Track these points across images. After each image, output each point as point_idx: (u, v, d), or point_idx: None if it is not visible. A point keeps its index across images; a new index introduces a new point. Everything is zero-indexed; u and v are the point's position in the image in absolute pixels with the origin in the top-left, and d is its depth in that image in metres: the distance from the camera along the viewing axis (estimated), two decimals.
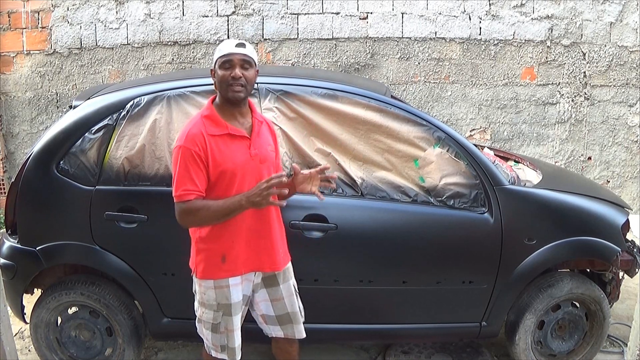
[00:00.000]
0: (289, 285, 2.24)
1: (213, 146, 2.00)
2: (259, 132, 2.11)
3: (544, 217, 2.69)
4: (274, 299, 2.22)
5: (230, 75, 1.99)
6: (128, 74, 5.07)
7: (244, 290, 2.16)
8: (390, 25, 4.97)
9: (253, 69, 2.06)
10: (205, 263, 2.10)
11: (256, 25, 4.98)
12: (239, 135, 2.06)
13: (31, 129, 5.17)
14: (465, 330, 2.78)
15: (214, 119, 2.04)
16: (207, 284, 2.11)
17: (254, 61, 2.07)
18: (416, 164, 2.61)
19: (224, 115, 2.06)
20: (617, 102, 5.10)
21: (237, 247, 2.08)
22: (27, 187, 2.59)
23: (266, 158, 2.11)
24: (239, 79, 2.00)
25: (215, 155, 2.00)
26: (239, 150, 2.05)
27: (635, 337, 2.12)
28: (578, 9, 4.96)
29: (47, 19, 5.00)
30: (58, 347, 2.74)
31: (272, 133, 2.23)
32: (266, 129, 2.19)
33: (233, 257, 2.09)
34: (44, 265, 2.61)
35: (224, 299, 2.11)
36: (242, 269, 2.12)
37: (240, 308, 2.17)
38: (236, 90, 2.00)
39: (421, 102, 5.09)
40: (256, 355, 3.01)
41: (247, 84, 2.03)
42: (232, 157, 2.02)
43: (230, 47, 2.02)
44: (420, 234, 2.62)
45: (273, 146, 2.19)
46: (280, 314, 2.25)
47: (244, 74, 2.01)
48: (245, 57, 2.03)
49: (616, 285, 2.93)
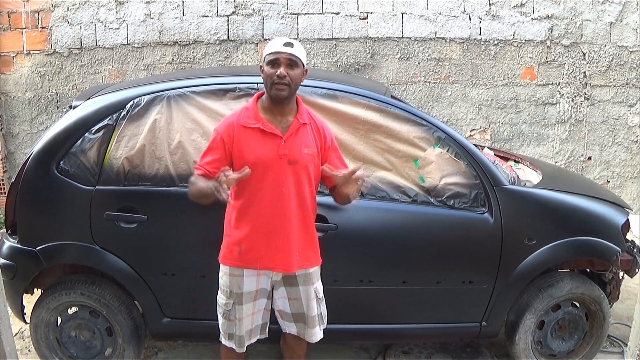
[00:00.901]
0: (308, 289, 2.24)
1: (241, 136, 2.10)
2: (295, 132, 2.13)
3: (544, 217, 2.69)
4: (292, 297, 2.25)
5: (276, 74, 2.04)
6: (128, 74, 5.07)
7: (260, 284, 2.20)
8: (390, 25, 4.98)
9: (300, 68, 2.10)
10: (226, 249, 2.21)
11: (256, 25, 4.98)
12: (270, 132, 2.10)
13: (31, 129, 5.17)
14: (465, 330, 2.78)
15: (252, 112, 2.14)
16: (224, 269, 2.22)
17: (301, 61, 2.10)
18: (416, 164, 2.61)
19: (264, 110, 2.14)
20: (617, 102, 5.10)
21: (254, 241, 2.14)
22: (27, 187, 2.58)
23: (297, 160, 2.12)
24: (284, 77, 2.04)
25: (242, 146, 2.09)
26: (267, 146, 2.09)
27: (635, 337, 2.12)
28: (578, 9, 4.96)
29: (47, 19, 5.00)
30: (58, 347, 2.74)
31: (320, 136, 2.20)
32: (311, 131, 2.18)
33: (249, 250, 2.15)
34: (44, 265, 2.60)
35: (237, 288, 2.18)
36: (256, 265, 2.16)
37: (252, 298, 2.20)
38: (279, 88, 2.06)
39: (421, 102, 5.09)
40: (256, 355, 3.01)
41: (291, 82, 2.07)
42: (256, 152, 2.09)
43: (278, 46, 2.07)
44: (420, 234, 2.62)
45: (313, 150, 2.16)
46: (296, 312, 2.27)
47: (289, 73, 2.06)
48: (291, 56, 2.07)
49: (616, 285, 2.94)
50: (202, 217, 2.51)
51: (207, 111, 2.55)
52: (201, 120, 2.53)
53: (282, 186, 2.11)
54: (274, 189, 2.11)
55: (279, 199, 2.12)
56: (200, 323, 2.64)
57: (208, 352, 3.10)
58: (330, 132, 2.29)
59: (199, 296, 2.59)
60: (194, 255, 2.57)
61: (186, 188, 2.50)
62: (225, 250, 2.22)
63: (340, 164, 2.27)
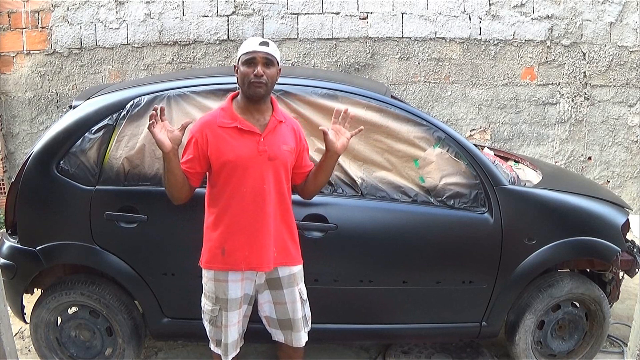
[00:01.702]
0: (293, 291, 2.22)
1: (218, 137, 2.10)
2: (273, 129, 2.14)
3: (544, 217, 2.69)
4: (277, 302, 2.23)
5: (253, 73, 2.05)
6: (128, 74, 5.07)
7: (245, 289, 2.18)
8: (390, 25, 4.98)
9: (275, 67, 2.11)
10: (209, 253, 2.19)
11: (256, 25, 4.98)
12: (248, 130, 2.10)
13: (31, 129, 5.18)
14: (465, 330, 2.78)
15: (228, 112, 2.14)
16: (208, 275, 2.20)
17: (277, 60, 2.12)
18: (416, 164, 2.61)
19: (240, 110, 2.15)
20: (617, 102, 5.10)
21: (236, 241, 2.12)
22: (27, 187, 2.58)
23: (277, 156, 2.13)
24: (261, 76, 2.05)
25: (219, 146, 2.09)
26: (246, 144, 2.09)
27: (635, 337, 2.12)
28: (578, 9, 4.96)
29: (47, 19, 5.00)
30: (58, 347, 2.74)
31: (295, 134, 2.23)
32: (286, 129, 2.20)
33: (232, 251, 2.13)
34: (44, 265, 2.60)
35: (222, 294, 2.16)
36: (242, 266, 2.14)
37: (238, 305, 2.18)
38: (257, 86, 2.07)
39: (421, 102, 5.09)
40: (256, 355, 3.01)
41: (268, 81, 2.08)
42: (236, 150, 2.08)
43: (254, 45, 2.08)
44: (420, 234, 2.62)
45: (291, 146, 2.18)
46: (282, 318, 2.25)
47: (266, 71, 2.07)
48: (267, 55, 2.08)
49: (616, 285, 2.94)
50: (202, 217, 2.51)
51: (207, 111, 2.54)
52: None
53: (264, 183, 2.10)
54: (254, 186, 2.10)
55: (260, 196, 2.11)
56: (200, 323, 2.61)
57: (208, 352, 3.08)
58: (302, 131, 2.32)
59: (199, 296, 2.59)
60: (194, 255, 2.55)
61: None
62: (207, 255, 2.18)
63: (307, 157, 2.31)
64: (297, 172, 2.26)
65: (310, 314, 2.32)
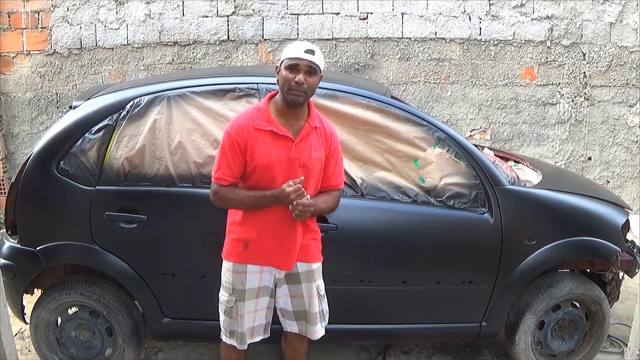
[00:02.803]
0: (310, 286, 2.26)
1: (255, 139, 2.09)
2: (306, 136, 2.14)
3: (544, 217, 2.69)
4: (294, 295, 2.26)
5: (294, 80, 2.04)
6: (128, 74, 5.07)
7: (264, 281, 2.21)
8: (390, 26, 4.98)
9: (317, 76, 2.11)
10: (230, 245, 2.21)
11: (256, 26, 4.98)
12: (283, 135, 2.10)
13: (31, 129, 5.17)
14: (465, 330, 2.78)
15: (264, 114, 2.13)
16: (227, 265, 2.22)
17: (320, 68, 2.11)
18: (416, 164, 2.61)
19: (276, 112, 2.14)
20: (617, 102, 5.10)
21: (261, 239, 2.15)
22: (27, 187, 2.58)
23: (307, 164, 2.13)
24: (302, 84, 2.04)
25: (254, 148, 2.09)
26: (279, 149, 2.10)
27: (635, 337, 2.12)
28: (578, 9, 4.96)
29: (47, 19, 5.00)
30: (58, 347, 2.74)
31: (327, 141, 2.22)
32: (319, 135, 2.19)
33: (255, 247, 2.16)
34: (44, 265, 2.60)
35: (239, 284, 2.19)
36: (260, 260, 2.17)
37: (255, 295, 2.21)
38: (297, 94, 2.06)
39: (421, 102, 5.09)
40: (256, 355, 3.01)
41: (308, 90, 2.08)
42: (269, 154, 2.09)
43: (300, 52, 2.06)
44: (420, 234, 2.62)
45: (322, 154, 2.18)
46: (297, 310, 2.28)
47: (308, 80, 2.06)
48: (312, 64, 2.07)
49: (616, 285, 2.94)
50: (202, 217, 2.51)
51: (207, 111, 2.55)
52: (201, 120, 2.53)
53: None
54: None
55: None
56: (200, 323, 2.64)
57: (208, 352, 3.10)
58: (337, 138, 2.30)
59: (199, 296, 2.60)
60: (194, 255, 2.57)
61: (187, 188, 2.52)
62: (229, 246, 2.22)
63: (336, 168, 2.27)
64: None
65: (327, 309, 2.34)
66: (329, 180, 2.25)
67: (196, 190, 2.50)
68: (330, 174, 2.25)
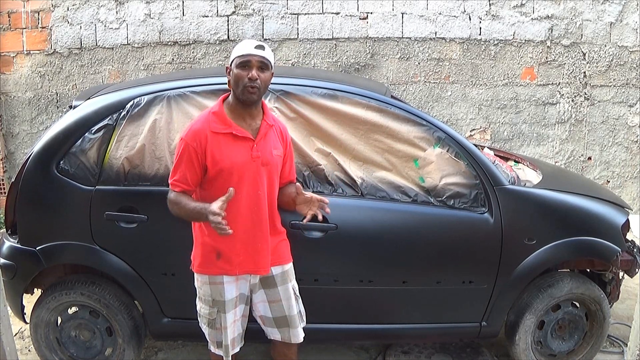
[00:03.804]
0: (287, 288, 2.24)
1: (214, 143, 2.05)
2: (265, 135, 2.12)
3: (544, 217, 2.69)
4: (272, 300, 2.24)
5: (247, 76, 2.02)
6: (128, 74, 5.07)
7: (240, 289, 2.19)
8: (390, 25, 4.98)
9: (269, 71, 2.09)
10: (202, 258, 2.16)
11: (256, 25, 4.98)
12: (242, 136, 2.08)
13: (31, 129, 5.17)
14: (465, 330, 2.78)
15: (220, 117, 2.09)
16: (203, 279, 2.18)
17: (271, 64, 2.09)
18: (416, 164, 2.61)
19: (233, 114, 2.11)
20: (617, 102, 5.10)
21: (233, 247, 2.11)
22: (27, 187, 2.58)
23: (269, 162, 2.12)
24: (255, 80, 2.02)
25: (215, 153, 2.05)
26: (240, 150, 2.07)
27: (635, 337, 2.12)
28: (578, 9, 4.96)
29: (47, 19, 5.00)
30: (58, 347, 2.74)
31: (283, 139, 2.22)
32: (276, 133, 2.19)
33: (227, 256, 2.12)
34: (44, 265, 2.60)
35: (218, 296, 2.16)
36: (237, 270, 2.14)
37: (234, 305, 2.19)
38: (250, 91, 2.04)
39: (421, 102, 5.09)
40: (255, 355, 3.01)
41: (261, 86, 2.06)
42: (231, 157, 2.06)
43: (249, 48, 2.04)
44: (420, 234, 2.62)
45: (280, 151, 2.18)
46: (278, 316, 2.25)
47: (260, 75, 2.04)
48: (263, 59, 2.05)
49: (616, 285, 2.93)
50: None
51: None
52: None
53: (258, 189, 2.10)
54: (250, 192, 2.09)
55: (256, 202, 2.10)
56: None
57: (208, 352, 3.10)
58: (289, 136, 2.30)
59: None
60: None
61: None
62: (200, 259, 2.16)
63: (291, 166, 2.30)
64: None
65: (304, 309, 2.32)
66: (288, 176, 2.27)
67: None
68: (288, 171, 2.27)
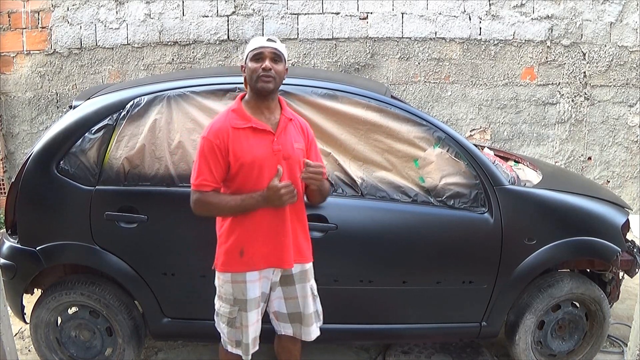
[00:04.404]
0: (304, 287, 2.25)
1: (235, 139, 2.07)
2: (285, 128, 2.14)
3: (544, 217, 2.69)
4: (288, 297, 2.25)
5: (261, 67, 2.05)
6: (128, 74, 5.07)
7: (262, 288, 2.19)
8: (390, 25, 4.98)
9: (283, 63, 2.12)
10: (225, 256, 2.16)
11: (256, 26, 4.98)
12: (262, 130, 2.10)
13: (31, 129, 5.18)
14: (465, 330, 2.78)
15: (239, 113, 2.12)
16: (225, 277, 2.17)
17: (284, 56, 2.13)
18: (416, 164, 2.61)
19: (251, 109, 2.13)
20: (617, 102, 5.10)
21: (255, 242, 2.12)
22: (27, 187, 2.58)
23: (290, 155, 2.13)
24: (269, 70, 2.05)
25: (236, 148, 2.07)
26: (261, 144, 2.09)
27: (635, 337, 2.12)
28: (578, 9, 4.96)
29: (47, 19, 5.00)
30: (58, 347, 2.74)
31: (304, 132, 2.23)
32: (296, 127, 2.20)
33: (251, 252, 2.13)
34: (44, 265, 2.60)
35: (241, 294, 2.16)
36: (261, 265, 2.14)
37: (257, 305, 2.19)
38: (266, 81, 2.06)
39: (421, 102, 5.09)
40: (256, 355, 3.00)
41: (276, 76, 2.08)
42: (253, 151, 2.07)
43: (262, 42, 2.10)
44: (420, 234, 2.62)
45: (302, 144, 2.19)
46: (292, 312, 2.27)
47: (274, 66, 2.07)
48: (276, 50, 2.10)
49: (616, 285, 2.94)
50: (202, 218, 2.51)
51: (207, 111, 2.55)
52: (201, 120, 2.53)
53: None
54: None
55: None
56: (200, 323, 2.63)
57: (208, 352, 3.10)
58: (311, 130, 2.31)
59: (199, 296, 2.59)
60: (194, 255, 2.56)
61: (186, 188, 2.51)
62: (223, 257, 2.16)
63: (318, 158, 2.29)
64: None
65: (321, 309, 2.34)
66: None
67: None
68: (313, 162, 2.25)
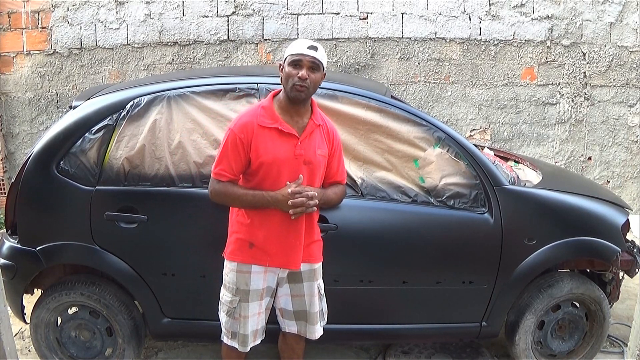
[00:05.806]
0: (312, 285, 2.27)
1: (259, 136, 2.09)
2: (310, 133, 2.15)
3: (544, 217, 2.69)
4: (295, 294, 2.26)
5: (297, 75, 2.05)
6: (128, 74, 5.07)
7: (267, 282, 2.21)
8: (390, 26, 4.98)
9: (320, 72, 2.12)
10: (234, 246, 2.19)
11: (256, 26, 4.98)
12: (288, 133, 2.11)
13: (31, 129, 5.17)
14: (465, 330, 2.78)
15: (269, 111, 2.13)
16: (231, 266, 2.20)
17: (323, 65, 2.12)
18: (416, 164, 2.61)
19: (281, 110, 2.14)
20: (617, 102, 5.10)
21: (266, 239, 2.15)
22: (27, 187, 2.58)
23: (311, 161, 2.14)
24: (305, 80, 2.05)
25: (259, 146, 2.09)
26: (284, 146, 2.10)
27: (635, 337, 2.12)
28: (578, 9, 4.96)
29: (47, 19, 5.00)
30: (58, 347, 2.74)
31: (329, 139, 2.23)
32: (322, 133, 2.21)
33: (260, 248, 2.15)
34: (44, 265, 2.60)
35: (244, 285, 2.18)
36: (268, 262, 2.16)
37: (259, 297, 2.20)
38: (299, 89, 2.07)
39: (421, 102, 5.09)
40: (256, 355, 3.00)
41: (310, 85, 2.08)
42: (275, 152, 2.09)
43: (302, 48, 2.08)
44: (420, 234, 2.62)
45: (325, 151, 2.19)
46: (298, 309, 2.28)
47: (311, 75, 2.07)
48: (315, 59, 2.09)
49: (616, 285, 2.94)
50: (202, 217, 2.51)
51: (207, 111, 2.55)
52: (201, 120, 2.53)
53: None
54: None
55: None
56: (200, 323, 2.64)
57: (208, 352, 3.10)
58: (338, 136, 2.31)
59: (199, 296, 2.60)
60: (194, 255, 2.57)
61: (187, 188, 2.52)
62: (233, 246, 2.20)
63: (339, 165, 2.30)
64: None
65: (327, 308, 2.35)
66: (334, 176, 2.28)
67: (196, 190, 2.50)
68: (335, 170, 2.28)
